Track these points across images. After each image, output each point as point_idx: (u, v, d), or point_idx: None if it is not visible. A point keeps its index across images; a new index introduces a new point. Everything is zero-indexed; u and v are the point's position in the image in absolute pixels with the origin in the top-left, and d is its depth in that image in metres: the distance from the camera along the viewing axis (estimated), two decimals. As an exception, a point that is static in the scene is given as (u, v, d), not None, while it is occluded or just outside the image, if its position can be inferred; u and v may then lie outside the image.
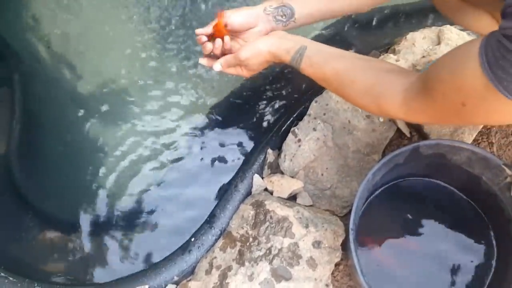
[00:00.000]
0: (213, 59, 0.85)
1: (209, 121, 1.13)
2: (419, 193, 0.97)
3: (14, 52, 1.18)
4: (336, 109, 1.02)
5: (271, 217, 0.92)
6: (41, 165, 1.11)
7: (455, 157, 0.86)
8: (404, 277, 0.91)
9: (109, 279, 0.97)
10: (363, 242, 0.93)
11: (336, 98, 1.02)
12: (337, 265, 0.92)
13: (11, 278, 0.89)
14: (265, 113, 1.14)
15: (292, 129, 1.03)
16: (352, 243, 0.78)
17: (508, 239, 0.86)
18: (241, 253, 0.91)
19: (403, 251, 0.93)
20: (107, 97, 1.15)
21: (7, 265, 0.93)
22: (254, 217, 0.94)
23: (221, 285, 0.88)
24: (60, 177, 1.10)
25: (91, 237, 1.03)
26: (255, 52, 0.79)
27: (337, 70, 0.74)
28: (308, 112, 1.03)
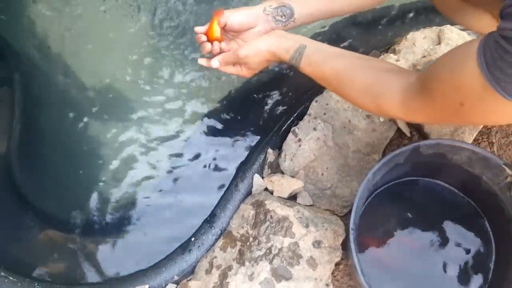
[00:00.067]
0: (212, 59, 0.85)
1: (209, 121, 1.13)
2: (419, 193, 0.97)
3: (14, 52, 1.18)
4: (337, 108, 1.02)
5: (271, 217, 0.92)
6: (41, 165, 1.11)
7: (455, 157, 0.86)
8: (404, 276, 0.91)
9: (110, 278, 0.98)
10: (364, 241, 0.93)
11: (337, 98, 1.02)
12: (337, 264, 0.92)
13: (11, 278, 0.89)
14: (265, 112, 1.14)
15: (292, 128, 1.03)
16: (352, 242, 0.78)
17: (508, 239, 0.86)
18: (241, 253, 0.91)
19: (403, 250, 0.93)
20: (107, 97, 1.15)
21: (7, 264, 0.93)
22: (254, 216, 0.94)
23: (221, 284, 0.88)
24: (60, 177, 1.10)
25: (91, 236, 1.03)
26: (254, 51, 0.79)
27: (336, 69, 0.74)
28: (308, 112, 1.03)
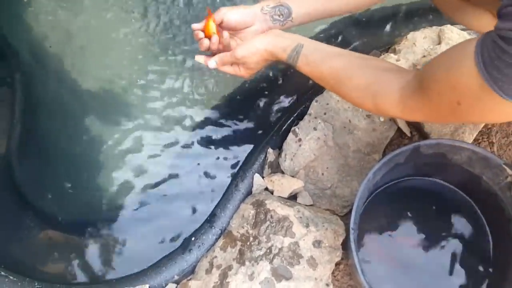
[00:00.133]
0: (210, 56, 0.85)
1: (209, 121, 1.13)
2: (420, 193, 0.97)
3: (15, 51, 1.18)
4: (337, 108, 1.02)
5: (271, 217, 0.92)
6: (41, 165, 1.11)
7: (455, 157, 0.86)
8: (404, 276, 0.91)
9: (110, 278, 0.98)
10: (364, 241, 0.93)
11: (337, 98, 1.02)
12: (337, 264, 0.92)
13: (11, 277, 0.89)
14: (266, 112, 1.14)
15: (292, 128, 1.03)
16: (353, 242, 0.78)
17: (508, 239, 0.86)
18: (241, 253, 0.91)
19: (404, 250, 0.93)
20: (107, 97, 1.15)
21: (7, 264, 0.92)
22: (254, 216, 0.94)
23: (222, 284, 0.88)
24: (60, 177, 1.10)
25: (91, 236, 1.03)
26: (251, 51, 0.79)
27: (334, 69, 0.73)
28: (308, 112, 1.03)
